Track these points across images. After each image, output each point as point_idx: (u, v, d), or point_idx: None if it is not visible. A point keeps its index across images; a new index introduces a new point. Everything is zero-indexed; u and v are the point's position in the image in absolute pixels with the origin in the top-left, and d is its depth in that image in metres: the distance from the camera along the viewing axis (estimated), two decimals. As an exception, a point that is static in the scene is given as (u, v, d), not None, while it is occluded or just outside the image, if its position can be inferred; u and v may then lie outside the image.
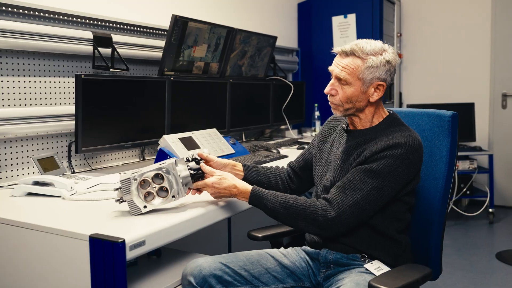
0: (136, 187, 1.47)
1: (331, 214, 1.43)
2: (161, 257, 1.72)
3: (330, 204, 1.46)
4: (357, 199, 1.43)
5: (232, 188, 1.52)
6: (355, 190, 1.44)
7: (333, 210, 1.44)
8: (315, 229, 1.46)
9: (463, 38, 4.84)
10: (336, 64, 1.55)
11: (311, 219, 1.45)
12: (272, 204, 1.48)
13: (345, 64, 1.52)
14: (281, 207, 1.47)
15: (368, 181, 1.44)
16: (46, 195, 1.72)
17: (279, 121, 3.66)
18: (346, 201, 1.44)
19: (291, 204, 1.47)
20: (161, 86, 2.46)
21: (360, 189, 1.44)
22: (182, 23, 2.53)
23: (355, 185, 1.45)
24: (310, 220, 1.45)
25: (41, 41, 2.04)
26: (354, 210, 1.43)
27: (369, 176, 1.45)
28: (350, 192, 1.45)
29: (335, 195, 1.46)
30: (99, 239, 1.25)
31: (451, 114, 1.65)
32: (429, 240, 1.64)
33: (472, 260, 3.39)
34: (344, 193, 1.45)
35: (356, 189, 1.44)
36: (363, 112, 1.57)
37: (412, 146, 1.46)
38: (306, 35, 4.41)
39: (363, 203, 1.44)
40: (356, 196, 1.44)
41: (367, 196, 1.44)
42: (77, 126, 2.02)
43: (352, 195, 1.44)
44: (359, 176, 1.46)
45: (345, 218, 1.43)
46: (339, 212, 1.43)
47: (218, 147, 2.56)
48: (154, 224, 1.38)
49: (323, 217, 1.44)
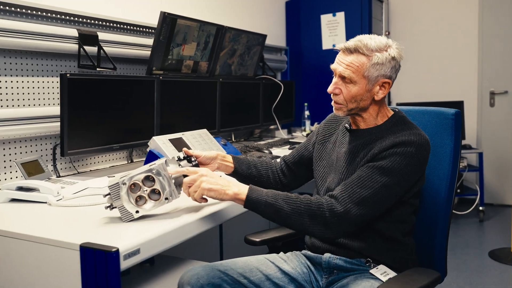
0: (126, 191, 1.38)
1: (338, 209, 1.33)
2: (155, 265, 1.64)
3: (336, 200, 1.36)
4: (364, 196, 1.35)
5: (226, 182, 1.38)
6: (363, 187, 1.36)
7: (340, 206, 1.34)
8: (322, 228, 1.34)
9: (451, 36, 4.84)
10: (339, 62, 1.47)
11: (317, 215, 1.33)
12: (273, 200, 1.35)
13: (349, 61, 1.44)
14: (284, 203, 1.35)
15: (377, 178, 1.36)
16: (31, 201, 1.63)
17: (269, 121, 3.59)
18: (353, 197, 1.35)
19: (295, 199, 1.36)
20: (149, 86, 2.37)
21: (368, 186, 1.36)
22: (170, 20, 2.44)
23: (363, 182, 1.37)
24: (316, 216, 1.33)
25: (23, 39, 1.94)
26: (361, 208, 1.34)
27: (378, 173, 1.37)
28: (357, 188, 1.36)
29: (341, 191, 1.38)
30: (91, 249, 1.16)
31: (455, 112, 1.61)
32: (433, 242, 1.58)
33: (465, 259, 3.37)
34: (351, 189, 1.36)
35: (364, 186, 1.36)
36: (367, 111, 1.50)
37: (421, 145, 1.40)
38: (295, 34, 4.35)
39: (371, 201, 1.35)
40: (363, 193, 1.35)
41: (376, 194, 1.35)
42: (63, 128, 1.93)
43: (360, 192, 1.35)
44: (367, 173, 1.38)
45: (352, 216, 1.33)
46: (346, 208, 1.33)
47: (209, 148, 2.48)
48: (149, 230, 1.30)
49: (329, 212, 1.33)
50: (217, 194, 1.36)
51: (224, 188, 1.36)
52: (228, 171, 1.64)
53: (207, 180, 1.36)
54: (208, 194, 1.36)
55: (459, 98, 4.54)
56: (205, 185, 1.35)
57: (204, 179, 1.36)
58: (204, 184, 1.35)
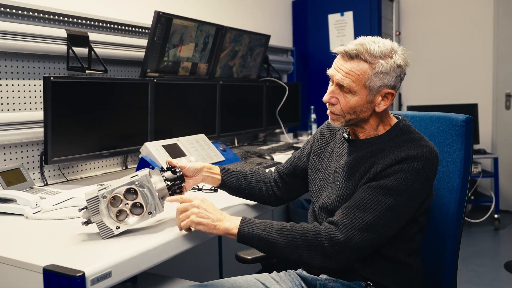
0: (106, 206, 1.26)
1: (339, 238, 1.20)
2: (137, 284, 1.51)
3: (336, 227, 1.23)
4: (368, 221, 1.21)
5: (218, 216, 1.27)
6: (366, 211, 1.22)
7: (341, 233, 1.21)
8: (322, 258, 1.21)
9: (464, 36, 4.66)
10: (337, 68, 1.30)
11: (315, 245, 1.21)
12: (267, 234, 1.24)
13: (349, 69, 1.27)
14: (278, 235, 1.23)
15: (381, 200, 1.22)
16: (8, 213, 1.52)
17: (273, 125, 3.46)
18: (356, 223, 1.21)
19: (290, 230, 1.23)
20: (142, 89, 2.26)
21: (372, 209, 1.22)
22: (166, 20, 2.33)
23: (366, 204, 1.22)
24: (314, 246, 1.21)
25: (7, 39, 1.84)
26: (365, 234, 1.20)
27: (382, 194, 1.22)
28: (360, 213, 1.22)
29: (342, 216, 1.24)
30: (54, 272, 1.04)
31: (465, 118, 1.45)
32: (441, 263, 1.43)
33: (479, 272, 3.19)
34: (353, 214, 1.22)
35: (367, 209, 1.22)
36: (367, 123, 1.35)
37: (429, 159, 1.25)
38: (302, 34, 4.22)
39: (376, 226, 1.21)
40: (367, 217, 1.21)
41: (381, 217, 1.21)
42: (46, 134, 1.82)
43: (363, 217, 1.21)
44: (370, 194, 1.24)
45: (355, 244, 1.20)
46: (348, 236, 1.20)
47: (206, 154, 2.36)
48: (125, 249, 1.17)
49: (328, 242, 1.20)
50: (207, 228, 1.27)
51: (214, 223, 1.26)
52: (215, 183, 1.51)
53: (198, 213, 1.26)
54: (197, 227, 1.27)
55: (473, 100, 4.36)
56: (195, 218, 1.26)
57: (195, 211, 1.26)
58: (194, 217, 1.26)
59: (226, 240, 2.65)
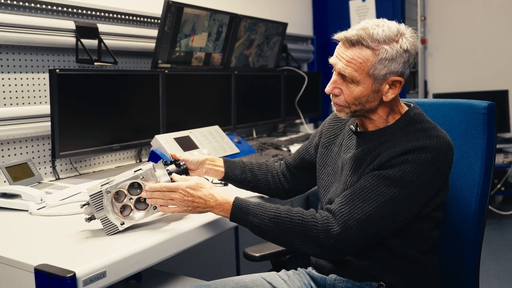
0: (110, 201, 1.23)
1: (335, 230, 1.13)
2: (142, 281, 1.47)
3: (333, 216, 1.16)
4: (367, 212, 1.13)
5: (209, 198, 1.21)
6: (366, 201, 1.14)
7: (337, 225, 1.14)
8: (315, 249, 1.16)
9: (495, 19, 4.43)
10: (338, 56, 1.22)
11: (310, 236, 1.15)
12: (259, 220, 1.18)
13: (350, 56, 1.18)
14: (271, 223, 1.17)
15: (383, 190, 1.14)
16: (12, 209, 1.50)
17: (293, 115, 3.38)
18: (354, 213, 1.14)
19: (284, 218, 1.17)
20: (153, 80, 2.21)
21: (373, 199, 1.14)
22: (176, 9, 2.27)
23: (366, 194, 1.15)
24: (309, 237, 1.15)
25: (14, 32, 1.81)
26: (363, 226, 1.13)
27: (385, 184, 1.14)
28: (359, 202, 1.14)
29: (341, 205, 1.16)
30: (45, 273, 1.00)
31: (487, 105, 1.34)
32: (461, 262, 1.34)
33: (509, 267, 3.05)
34: (352, 204, 1.15)
35: (367, 200, 1.14)
36: (375, 113, 1.26)
37: (440, 150, 1.15)
38: (322, 22, 4.09)
39: (375, 217, 1.13)
40: (366, 208, 1.14)
41: (381, 209, 1.13)
42: (53, 127, 1.79)
43: (362, 207, 1.14)
44: (372, 183, 1.16)
45: (352, 236, 1.13)
46: (345, 227, 1.13)
47: (220, 146, 2.30)
48: (122, 248, 1.13)
49: (324, 234, 1.14)
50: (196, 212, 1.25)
51: (204, 210, 1.25)
52: (219, 176, 1.45)
53: (180, 198, 1.22)
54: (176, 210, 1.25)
55: (503, 87, 4.18)
56: (180, 205, 1.24)
57: (177, 196, 1.22)
58: (179, 203, 1.23)
59: (243, 236, 2.60)
